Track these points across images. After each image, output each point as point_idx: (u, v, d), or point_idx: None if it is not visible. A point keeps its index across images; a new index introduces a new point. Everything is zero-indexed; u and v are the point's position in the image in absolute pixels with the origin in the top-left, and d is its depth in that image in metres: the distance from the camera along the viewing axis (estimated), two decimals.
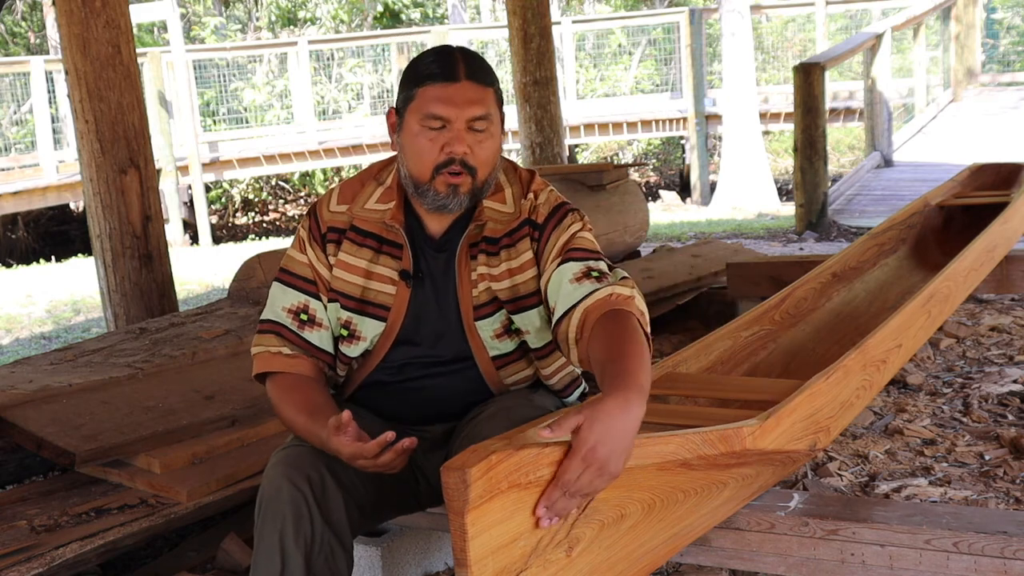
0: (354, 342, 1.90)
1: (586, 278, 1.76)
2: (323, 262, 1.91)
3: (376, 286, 1.88)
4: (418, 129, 1.80)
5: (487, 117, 1.80)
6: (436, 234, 1.89)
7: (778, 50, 14.37)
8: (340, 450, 1.67)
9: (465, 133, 1.78)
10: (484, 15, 17.36)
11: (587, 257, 1.81)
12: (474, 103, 1.78)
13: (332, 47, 14.28)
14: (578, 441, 1.37)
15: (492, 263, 1.86)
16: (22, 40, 16.87)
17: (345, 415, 1.65)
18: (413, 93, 1.81)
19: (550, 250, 1.84)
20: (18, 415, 2.61)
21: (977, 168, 4.40)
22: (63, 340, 6.10)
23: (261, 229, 14.76)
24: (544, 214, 1.87)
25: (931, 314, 2.77)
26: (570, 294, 1.76)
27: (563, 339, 1.76)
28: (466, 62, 1.81)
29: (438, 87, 1.78)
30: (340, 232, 1.90)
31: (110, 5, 3.95)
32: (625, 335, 1.62)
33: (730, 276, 4.01)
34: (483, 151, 1.81)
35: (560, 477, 1.37)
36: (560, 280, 1.78)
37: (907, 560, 1.77)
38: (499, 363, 1.90)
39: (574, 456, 1.36)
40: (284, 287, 1.93)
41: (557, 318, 1.77)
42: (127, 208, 4.05)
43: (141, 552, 2.71)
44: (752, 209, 10.74)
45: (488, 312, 1.86)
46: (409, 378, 1.91)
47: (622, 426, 1.39)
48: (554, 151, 6.95)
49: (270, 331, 1.91)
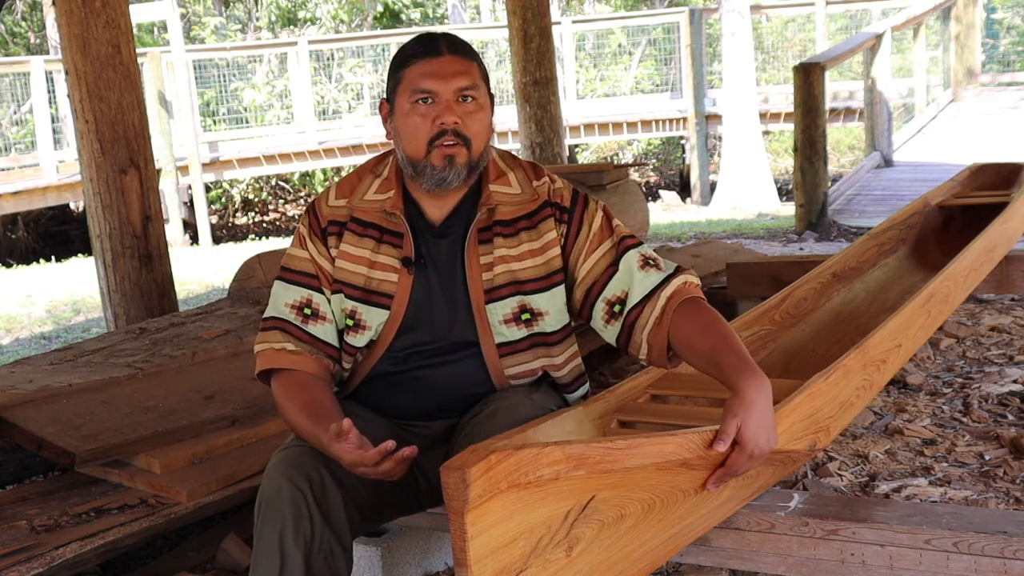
0: (359, 332, 1.90)
1: (648, 266, 1.87)
2: (325, 256, 1.92)
3: (379, 275, 1.89)
4: (409, 108, 1.83)
5: (474, 87, 1.84)
6: (436, 221, 1.91)
7: (778, 50, 14.37)
8: (341, 456, 1.67)
9: (454, 104, 1.82)
10: (484, 15, 17.36)
11: (636, 244, 1.91)
12: (460, 74, 1.83)
13: (332, 47, 14.28)
14: (743, 441, 1.60)
15: (511, 244, 1.88)
16: (22, 40, 16.87)
17: (346, 423, 1.65)
18: (400, 75, 1.85)
19: (586, 235, 1.90)
20: (18, 415, 2.60)
21: (977, 168, 4.40)
22: (63, 340, 6.10)
23: (261, 229, 14.76)
24: (568, 198, 1.93)
25: (931, 314, 2.77)
26: (643, 282, 1.85)
27: (641, 325, 1.83)
28: (447, 39, 1.87)
29: (423, 63, 1.83)
30: (341, 225, 1.92)
31: (110, 5, 3.95)
32: (718, 322, 1.78)
33: (730, 276, 4.01)
34: (474, 122, 1.84)
35: (731, 466, 1.62)
36: (629, 267, 1.87)
37: (907, 560, 1.77)
38: (504, 351, 1.90)
39: (741, 453, 1.61)
40: (286, 284, 1.94)
41: (634, 304, 1.84)
42: (127, 208, 4.05)
43: (141, 552, 2.71)
44: (752, 209, 10.74)
45: (502, 295, 1.88)
46: (413, 367, 1.91)
47: (766, 408, 1.63)
48: (554, 151, 6.95)
49: (274, 327, 1.92)
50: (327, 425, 1.71)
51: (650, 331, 1.82)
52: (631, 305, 1.84)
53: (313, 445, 1.77)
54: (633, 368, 3.69)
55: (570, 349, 1.97)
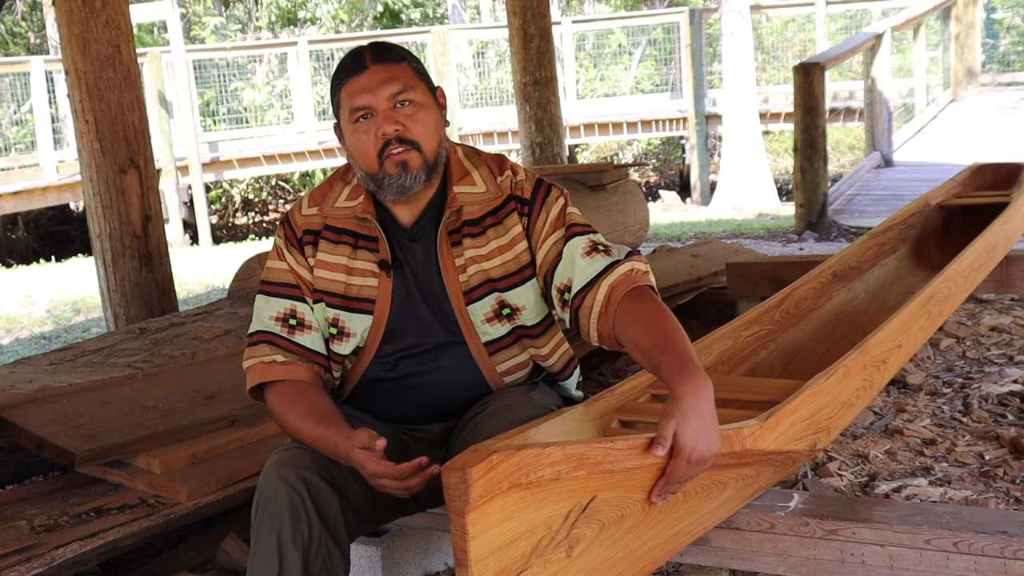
0: (344, 339, 1.90)
1: (595, 252, 1.82)
2: (303, 265, 1.92)
3: (358, 280, 1.89)
4: (352, 127, 1.85)
5: (407, 90, 1.83)
6: (407, 224, 1.91)
7: (778, 50, 14.37)
8: (363, 464, 1.66)
9: (391, 112, 1.82)
10: (484, 15, 17.36)
11: (587, 231, 1.87)
12: (387, 81, 1.82)
13: (332, 47, 14.26)
14: (679, 446, 1.47)
15: (479, 243, 1.88)
16: (22, 40, 16.87)
17: (382, 442, 1.65)
18: (337, 98, 1.87)
19: (543, 223, 1.88)
20: (18, 415, 2.60)
21: (977, 168, 4.40)
22: (63, 340, 6.11)
23: (261, 229, 14.76)
24: (529, 190, 1.91)
25: (931, 314, 2.77)
26: (586, 268, 1.81)
27: (585, 313, 1.80)
28: (372, 49, 1.87)
29: (351, 81, 1.84)
30: (315, 234, 1.92)
31: (110, 5, 3.95)
32: (661, 317, 1.70)
33: (730, 276, 4.01)
34: (416, 123, 1.83)
35: (672, 475, 1.50)
36: (572, 255, 1.83)
37: (907, 560, 1.77)
38: (492, 348, 1.91)
39: (679, 458, 1.48)
40: (268, 297, 1.93)
41: (576, 291, 1.81)
42: (127, 208, 4.05)
43: (141, 552, 2.71)
44: (752, 209, 10.74)
45: (479, 295, 1.88)
46: (405, 374, 1.91)
47: (706, 412, 1.50)
48: (554, 151, 6.95)
49: (261, 341, 1.91)
50: (336, 427, 1.71)
51: (597, 320, 1.79)
52: (574, 292, 1.82)
53: (320, 448, 1.76)
54: (633, 368, 3.69)
55: (555, 338, 1.97)
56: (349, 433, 1.70)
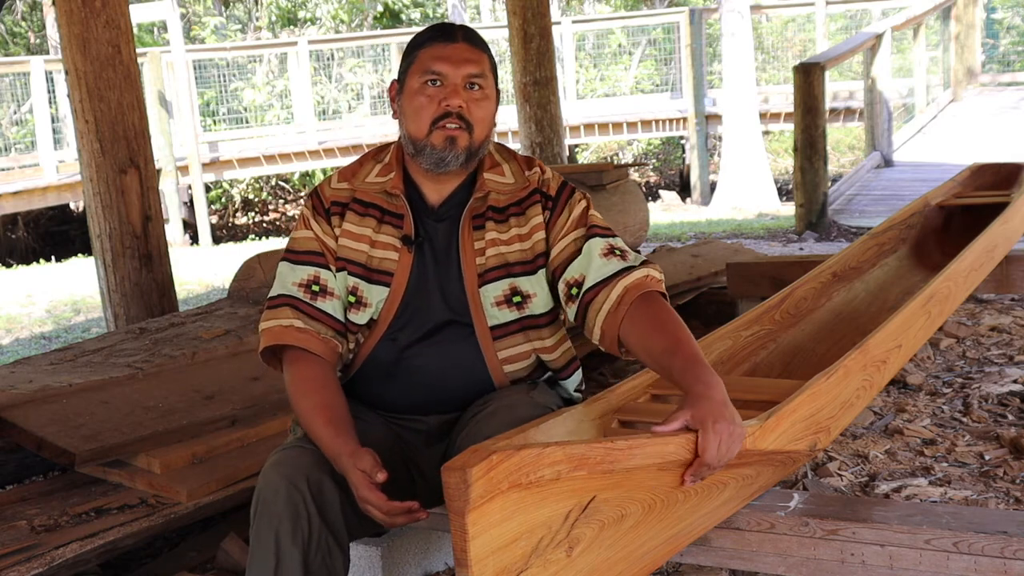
0: (361, 309, 1.93)
1: (612, 255, 1.88)
2: (329, 234, 1.95)
3: (380, 253, 1.93)
4: (418, 87, 1.88)
5: (483, 76, 1.89)
6: (435, 204, 1.95)
7: (778, 50, 14.38)
8: (358, 487, 1.69)
9: (462, 89, 1.87)
10: (484, 15, 17.36)
11: (607, 234, 1.93)
12: (470, 61, 1.88)
13: (332, 47, 14.28)
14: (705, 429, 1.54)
15: (501, 229, 1.93)
16: (22, 40, 16.87)
17: (382, 476, 1.67)
18: (413, 56, 1.91)
19: (564, 220, 1.94)
20: (18, 415, 2.60)
21: (977, 168, 4.40)
22: (63, 340, 6.10)
23: (261, 229, 14.76)
24: (555, 188, 1.97)
25: (931, 314, 2.77)
26: (601, 268, 1.86)
27: (595, 309, 1.84)
28: (463, 29, 1.94)
29: (436, 47, 1.89)
30: (343, 205, 1.96)
31: (110, 5, 3.95)
32: (672, 322, 1.76)
33: (730, 276, 4.01)
34: (479, 109, 1.89)
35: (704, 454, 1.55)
36: (590, 252, 1.89)
37: (907, 560, 1.77)
38: (496, 333, 1.93)
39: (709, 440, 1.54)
40: (292, 264, 1.96)
41: (589, 286, 1.85)
42: (127, 208, 4.05)
43: (141, 552, 2.71)
44: (752, 209, 10.74)
45: (494, 277, 1.91)
46: (409, 353, 1.92)
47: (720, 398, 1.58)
48: (554, 151, 6.95)
49: (283, 304, 1.92)
50: (345, 439, 1.73)
51: (605, 318, 1.83)
52: (587, 287, 1.86)
53: (321, 447, 1.77)
54: (633, 368, 3.69)
55: (559, 333, 2.00)
56: (354, 449, 1.72)
